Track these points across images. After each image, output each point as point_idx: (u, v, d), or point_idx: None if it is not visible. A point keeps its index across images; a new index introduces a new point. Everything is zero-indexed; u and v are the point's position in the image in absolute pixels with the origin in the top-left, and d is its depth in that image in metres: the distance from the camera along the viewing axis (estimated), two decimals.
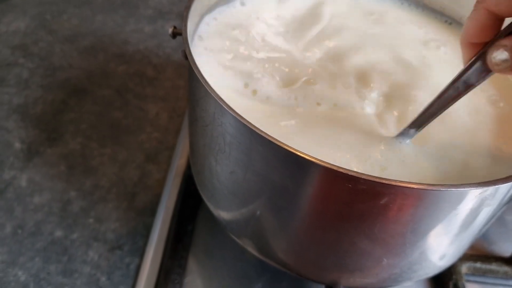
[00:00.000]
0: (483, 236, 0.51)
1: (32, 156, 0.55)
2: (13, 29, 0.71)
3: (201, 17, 0.44)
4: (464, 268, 0.46)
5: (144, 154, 0.57)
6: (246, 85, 0.40)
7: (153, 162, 0.56)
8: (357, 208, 0.29)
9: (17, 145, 0.56)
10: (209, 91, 0.31)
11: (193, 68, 0.32)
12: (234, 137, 0.31)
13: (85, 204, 0.51)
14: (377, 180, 0.26)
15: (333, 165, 0.27)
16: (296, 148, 0.28)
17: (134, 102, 0.63)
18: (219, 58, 0.43)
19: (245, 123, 0.29)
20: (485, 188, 0.27)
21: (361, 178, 0.27)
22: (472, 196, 0.29)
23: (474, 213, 0.31)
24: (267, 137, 0.28)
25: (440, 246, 0.35)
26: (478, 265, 0.47)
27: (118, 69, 0.67)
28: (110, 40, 0.72)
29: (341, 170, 0.27)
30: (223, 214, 0.40)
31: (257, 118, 0.36)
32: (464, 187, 0.27)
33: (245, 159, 0.32)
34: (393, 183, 0.26)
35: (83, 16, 0.75)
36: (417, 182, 0.27)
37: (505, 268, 0.47)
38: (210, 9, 0.45)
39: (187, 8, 0.38)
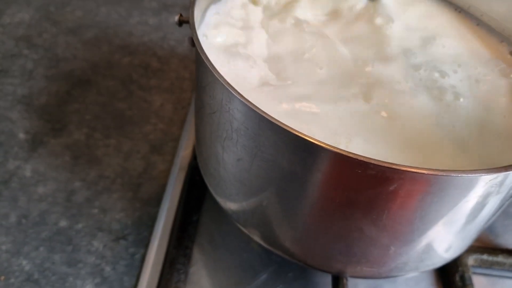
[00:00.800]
0: (490, 229, 0.51)
1: (37, 147, 0.55)
2: (17, 20, 0.71)
3: (207, 6, 0.44)
4: (471, 260, 0.46)
5: (148, 145, 0.56)
6: (254, 73, 0.40)
7: (158, 153, 0.56)
8: (366, 194, 0.29)
9: (22, 135, 0.56)
10: (217, 76, 0.31)
11: (200, 54, 0.32)
12: (242, 123, 0.31)
13: (89, 194, 0.51)
14: (387, 165, 0.26)
15: (342, 150, 0.27)
16: (305, 133, 0.27)
17: (139, 93, 0.62)
18: (225, 48, 0.42)
19: (254, 108, 0.29)
20: (495, 175, 0.27)
21: (370, 163, 0.26)
22: (483, 182, 0.28)
23: (484, 200, 0.31)
24: (276, 122, 0.28)
25: (448, 235, 0.35)
26: (485, 257, 0.47)
27: (122, 61, 0.67)
28: (114, 32, 0.71)
29: (350, 155, 0.27)
30: (230, 204, 0.40)
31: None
32: (475, 173, 0.27)
33: (253, 145, 0.31)
34: (403, 168, 0.26)
35: (87, 8, 0.75)
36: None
37: (511, 260, 0.46)
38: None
39: None
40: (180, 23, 0.41)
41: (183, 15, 0.40)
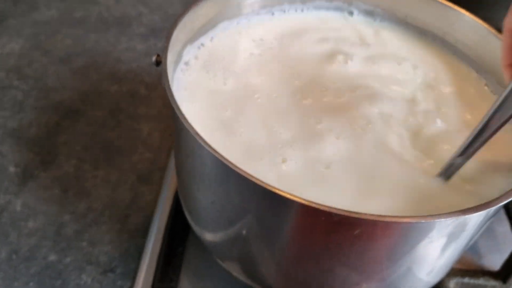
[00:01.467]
0: (472, 250, 0.51)
1: (27, 180, 0.56)
2: (8, 51, 0.73)
3: (185, 43, 0.44)
4: (452, 283, 0.47)
5: (136, 175, 0.58)
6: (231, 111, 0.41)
7: (145, 183, 0.57)
8: (332, 238, 0.30)
9: (12, 169, 0.57)
10: (186, 126, 0.32)
11: (171, 103, 0.33)
12: (211, 170, 0.32)
13: (78, 227, 0.52)
14: (347, 214, 0.27)
15: (304, 199, 0.28)
16: (269, 184, 0.28)
17: (127, 122, 0.64)
18: (205, 83, 0.43)
19: (221, 159, 0.30)
20: (453, 219, 0.28)
21: (332, 213, 0.27)
22: (444, 225, 0.29)
23: (450, 238, 0.32)
24: (241, 172, 0.29)
25: (420, 269, 0.35)
26: (466, 280, 0.47)
27: (111, 89, 0.68)
28: (103, 59, 0.73)
29: (313, 205, 0.27)
30: (208, 238, 0.41)
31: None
32: (433, 218, 0.27)
33: (223, 191, 0.33)
34: (362, 216, 0.27)
35: (76, 35, 0.76)
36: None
37: (492, 283, 0.47)
38: (194, 36, 0.45)
39: (168, 38, 0.39)
40: (157, 63, 0.42)
41: (160, 55, 0.41)
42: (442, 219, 0.27)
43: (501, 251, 0.52)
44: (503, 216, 0.53)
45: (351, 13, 0.51)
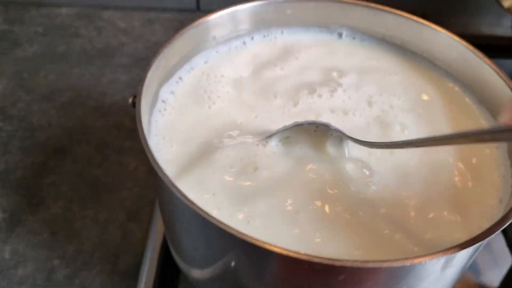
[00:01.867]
0: (471, 268, 0.51)
1: (15, 226, 0.55)
2: None
3: (161, 83, 0.44)
4: None
5: (125, 212, 0.57)
6: (211, 147, 0.40)
7: (134, 220, 0.56)
8: (318, 284, 0.29)
9: None
10: (161, 176, 0.31)
11: (146, 152, 0.32)
12: (190, 217, 0.32)
13: (69, 272, 0.51)
14: (328, 262, 0.26)
15: (284, 249, 0.27)
16: (246, 234, 0.27)
17: (113, 157, 0.63)
18: (184, 122, 0.43)
19: (196, 209, 0.29)
20: (436, 259, 0.27)
21: (313, 261, 0.26)
22: (429, 265, 0.28)
23: (441, 272, 0.31)
24: (216, 223, 0.28)
25: None
26: None
27: (96, 124, 0.67)
28: (88, 93, 0.72)
29: (292, 255, 0.27)
30: (195, 278, 0.40)
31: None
32: (415, 261, 0.27)
33: (204, 237, 0.32)
34: (344, 263, 0.26)
35: (59, 71, 0.76)
36: None
37: None
38: (170, 72, 0.45)
39: (142, 81, 0.39)
40: (134, 104, 0.41)
41: (136, 96, 0.41)
42: (427, 260, 0.27)
43: (499, 267, 0.51)
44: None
45: (340, 35, 0.51)
